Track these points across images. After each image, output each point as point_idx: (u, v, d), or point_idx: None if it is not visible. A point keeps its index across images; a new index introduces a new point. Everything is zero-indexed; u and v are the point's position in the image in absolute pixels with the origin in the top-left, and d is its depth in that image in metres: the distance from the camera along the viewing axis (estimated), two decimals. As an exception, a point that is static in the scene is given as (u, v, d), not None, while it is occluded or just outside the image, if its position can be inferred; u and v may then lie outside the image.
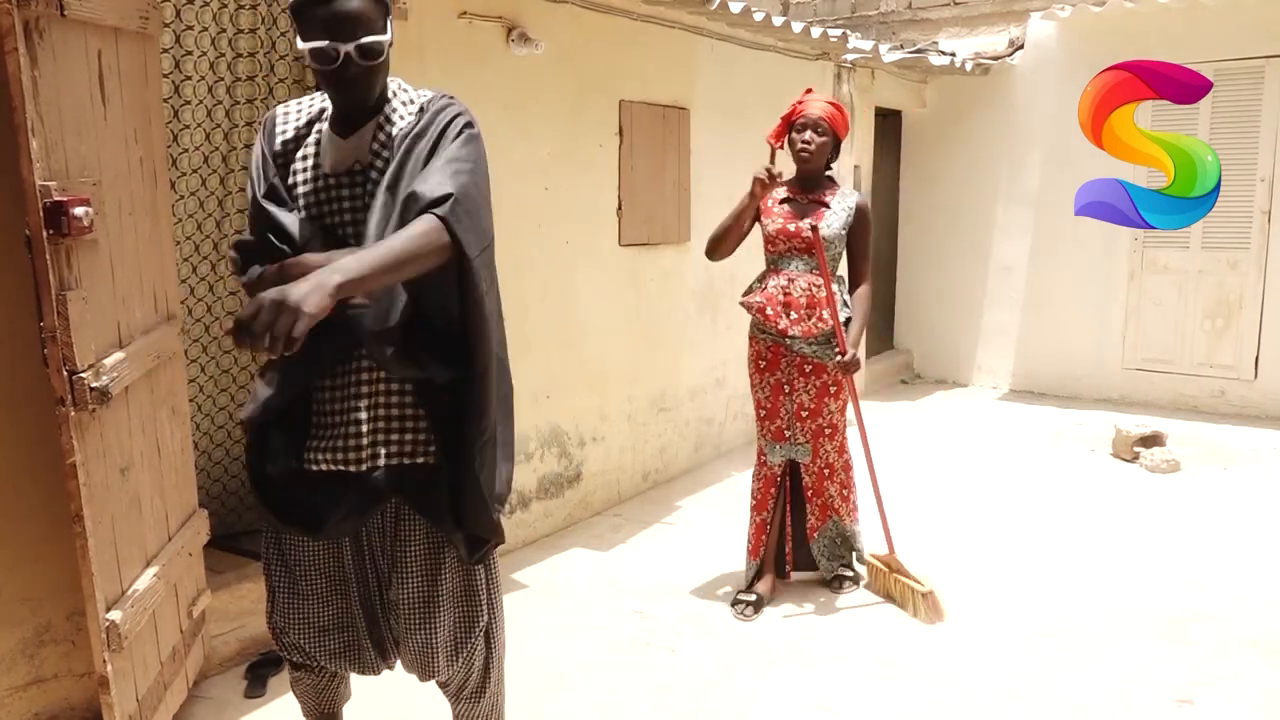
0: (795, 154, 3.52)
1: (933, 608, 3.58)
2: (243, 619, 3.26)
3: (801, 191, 3.58)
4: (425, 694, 2.94)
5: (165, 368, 2.75)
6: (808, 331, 3.46)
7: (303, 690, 2.32)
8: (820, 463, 3.66)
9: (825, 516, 3.75)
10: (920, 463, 5.67)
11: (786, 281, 3.51)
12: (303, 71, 3.73)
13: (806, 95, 3.56)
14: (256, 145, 2.00)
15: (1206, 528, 4.55)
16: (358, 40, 1.84)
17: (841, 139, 3.56)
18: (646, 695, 3.04)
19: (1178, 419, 6.48)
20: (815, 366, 3.54)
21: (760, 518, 3.71)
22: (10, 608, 2.62)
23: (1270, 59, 6.36)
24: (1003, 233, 7.56)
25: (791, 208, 3.56)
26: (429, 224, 1.75)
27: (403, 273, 1.73)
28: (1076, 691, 3.06)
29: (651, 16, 4.85)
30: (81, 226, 2.16)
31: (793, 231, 3.49)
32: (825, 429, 3.61)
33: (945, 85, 7.69)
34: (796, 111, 3.51)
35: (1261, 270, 6.56)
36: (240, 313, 1.56)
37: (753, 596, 3.65)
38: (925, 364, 8.16)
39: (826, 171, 3.62)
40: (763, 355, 3.61)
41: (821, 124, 3.46)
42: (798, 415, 3.58)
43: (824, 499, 3.72)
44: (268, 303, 1.54)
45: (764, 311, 3.49)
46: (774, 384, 3.60)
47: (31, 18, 2.07)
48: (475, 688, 2.21)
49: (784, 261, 3.55)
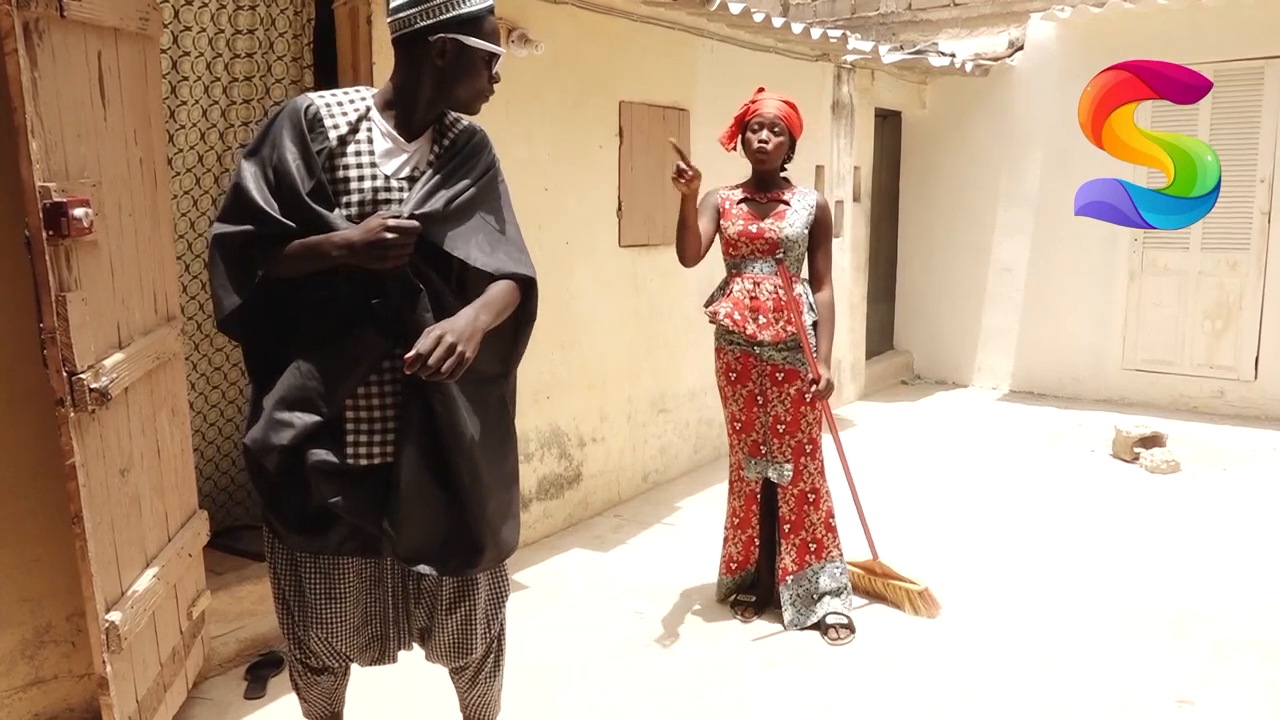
0: (752, 154, 3.40)
1: (930, 602, 3.57)
2: (242, 620, 3.26)
3: (759, 191, 3.46)
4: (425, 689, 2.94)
5: (165, 369, 2.75)
6: (777, 336, 3.33)
7: (320, 693, 2.31)
8: (804, 486, 3.46)
9: (803, 561, 3.49)
10: (920, 463, 5.67)
11: (752, 285, 3.38)
12: (301, 72, 3.74)
13: (759, 95, 3.44)
14: (286, 136, 1.92)
15: (1206, 528, 4.55)
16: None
17: (797, 138, 3.45)
18: (646, 696, 3.04)
19: (1177, 420, 6.48)
20: (787, 374, 3.39)
21: (747, 534, 3.59)
22: (10, 608, 2.62)
23: (1270, 60, 6.36)
24: (1003, 233, 7.57)
25: (750, 208, 3.44)
26: (512, 288, 2.03)
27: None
28: (1076, 692, 3.06)
29: (651, 18, 4.85)
30: (81, 227, 2.16)
31: (754, 233, 3.38)
32: (805, 445, 3.43)
33: (945, 86, 7.69)
34: (750, 111, 3.40)
35: (1261, 271, 6.57)
36: (421, 345, 1.77)
37: (752, 598, 3.64)
38: (925, 364, 8.16)
39: (782, 171, 3.51)
40: (732, 367, 3.47)
41: (778, 123, 3.35)
42: (774, 430, 3.42)
43: (803, 535, 3.48)
44: (445, 344, 1.78)
45: (731, 317, 3.36)
46: (746, 395, 3.46)
47: (31, 19, 2.07)
48: (492, 666, 2.29)
49: (746, 265, 3.42)
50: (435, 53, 1.95)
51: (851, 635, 3.43)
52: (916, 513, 4.74)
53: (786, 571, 3.51)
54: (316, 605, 2.10)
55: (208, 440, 3.90)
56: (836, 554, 3.56)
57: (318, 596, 2.09)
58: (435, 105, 2.01)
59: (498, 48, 2.01)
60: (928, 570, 3.84)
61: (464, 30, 1.95)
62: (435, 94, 1.99)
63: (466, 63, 1.97)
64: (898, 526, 4.44)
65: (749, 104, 3.43)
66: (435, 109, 2.02)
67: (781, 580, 3.52)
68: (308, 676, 2.26)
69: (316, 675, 2.26)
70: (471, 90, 2.01)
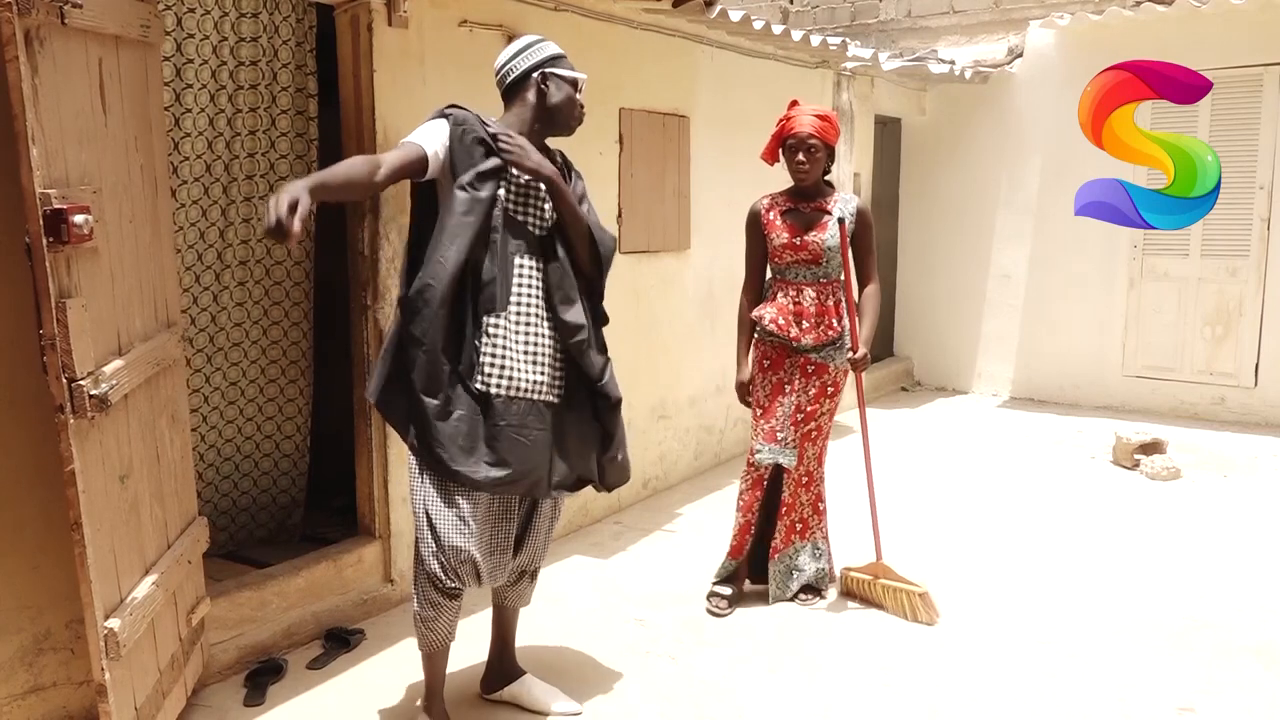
0: (792, 172, 3.56)
1: (929, 606, 3.58)
2: (242, 627, 3.25)
3: (802, 200, 3.62)
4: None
5: (165, 375, 2.75)
6: (819, 339, 3.55)
7: (446, 620, 2.70)
8: (802, 469, 3.66)
9: (789, 539, 3.71)
10: (920, 470, 5.67)
11: (795, 292, 3.58)
12: (305, 79, 3.74)
13: (794, 110, 3.56)
14: (447, 133, 2.54)
15: (1207, 535, 4.54)
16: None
17: (834, 146, 3.58)
18: (647, 703, 3.03)
19: (1178, 426, 6.48)
20: (818, 367, 3.59)
21: (746, 519, 3.72)
22: (9, 615, 2.62)
23: (1269, 67, 6.37)
24: (1002, 240, 7.57)
25: (793, 219, 3.59)
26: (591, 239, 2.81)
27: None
28: (1077, 699, 3.05)
29: (651, 25, 4.86)
30: (81, 234, 2.16)
31: (799, 245, 3.54)
32: (812, 433, 3.63)
33: (945, 93, 7.71)
34: (787, 129, 3.53)
35: (1261, 277, 6.57)
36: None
37: (728, 590, 3.71)
38: (925, 371, 8.16)
39: (826, 177, 3.65)
40: (767, 355, 3.66)
41: (814, 139, 3.48)
42: (793, 419, 3.60)
43: (794, 516, 3.70)
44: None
45: (775, 323, 3.57)
46: (775, 383, 3.63)
47: (32, 26, 2.07)
48: (538, 564, 2.94)
49: (791, 272, 3.61)
50: (538, 86, 2.65)
51: (820, 599, 3.75)
52: (917, 519, 4.74)
53: (776, 550, 3.72)
54: (471, 528, 2.57)
55: (224, 456, 3.82)
56: (820, 535, 3.79)
57: (475, 519, 2.58)
58: (543, 129, 2.70)
59: (581, 74, 2.72)
60: (928, 577, 3.83)
61: (554, 65, 2.67)
62: (542, 119, 2.68)
63: (561, 90, 2.67)
64: (899, 533, 4.43)
65: (784, 120, 3.57)
66: (543, 133, 2.71)
67: (771, 558, 3.73)
68: (440, 604, 2.66)
69: (451, 600, 2.67)
70: (569, 109, 2.69)
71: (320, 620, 3.45)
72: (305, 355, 3.97)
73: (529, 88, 2.66)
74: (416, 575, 2.69)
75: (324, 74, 3.79)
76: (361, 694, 3.08)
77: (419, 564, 2.66)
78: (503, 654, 3.03)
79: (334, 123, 3.70)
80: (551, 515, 2.89)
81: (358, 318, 3.66)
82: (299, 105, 3.75)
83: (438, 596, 2.66)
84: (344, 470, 3.90)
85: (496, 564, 2.72)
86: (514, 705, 2.97)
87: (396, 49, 3.59)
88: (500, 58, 2.71)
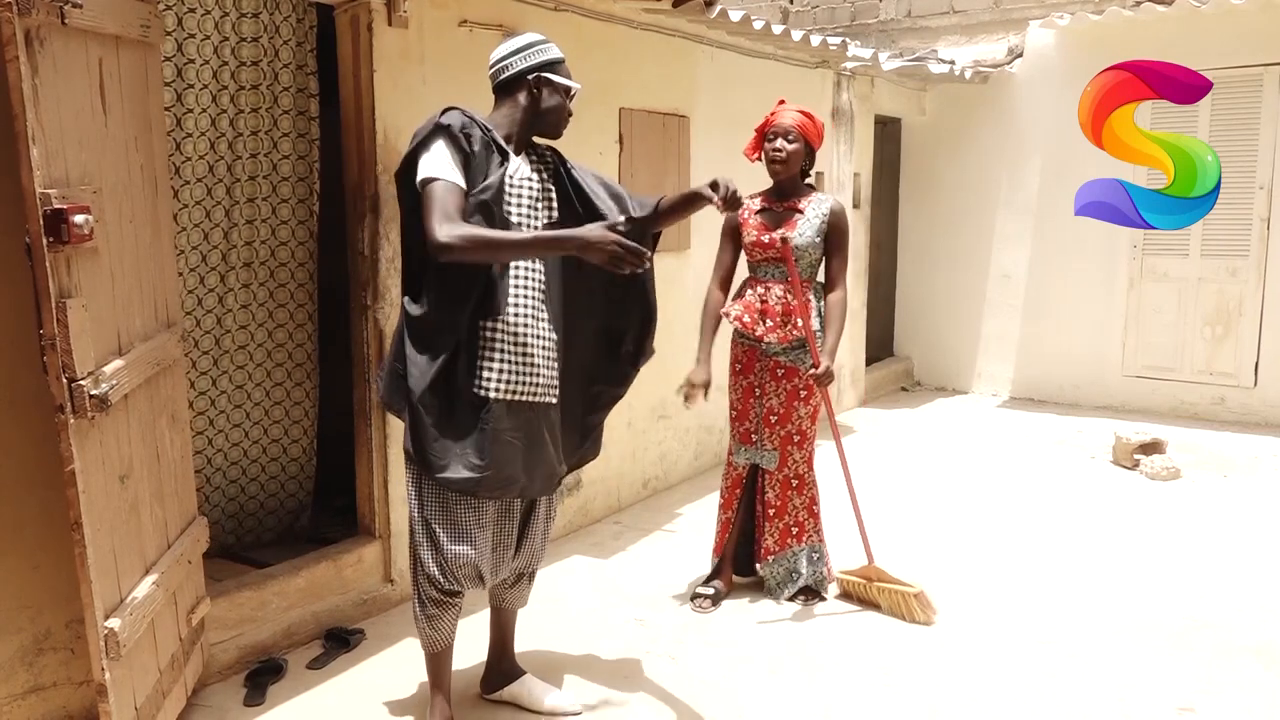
0: (768, 162, 3.59)
1: (925, 606, 3.58)
2: (242, 627, 3.25)
3: (776, 200, 3.64)
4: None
5: (165, 375, 2.75)
6: (783, 338, 3.55)
7: (449, 619, 2.73)
8: (788, 472, 3.66)
9: (785, 543, 3.72)
10: (920, 470, 5.67)
11: (763, 290, 3.60)
12: (306, 79, 3.74)
13: (779, 106, 3.63)
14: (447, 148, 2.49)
15: (1207, 535, 4.54)
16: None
17: (815, 147, 3.62)
18: (647, 704, 3.03)
19: (1178, 426, 6.48)
20: (787, 371, 3.60)
21: (725, 516, 3.77)
22: (9, 615, 2.62)
23: (1269, 67, 6.37)
24: (1002, 240, 7.57)
25: (766, 218, 3.62)
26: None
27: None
28: (1077, 699, 3.05)
29: (651, 25, 4.86)
30: (81, 234, 2.16)
31: (766, 242, 3.56)
32: (794, 435, 3.64)
33: (945, 93, 7.71)
34: (769, 122, 3.59)
35: (1261, 277, 6.57)
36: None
37: (711, 590, 3.74)
38: (925, 371, 8.16)
39: (805, 180, 3.67)
40: (739, 359, 3.71)
41: (792, 132, 3.53)
42: (766, 420, 3.64)
43: (786, 520, 3.70)
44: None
45: (741, 319, 3.61)
46: (745, 387, 3.69)
47: (32, 26, 2.07)
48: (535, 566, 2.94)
49: (761, 270, 3.65)
50: (530, 89, 2.63)
51: (819, 600, 3.76)
52: (917, 519, 4.74)
53: (768, 551, 3.73)
54: (468, 534, 2.60)
55: (230, 460, 3.81)
56: (817, 539, 3.79)
57: (471, 525, 2.61)
58: (529, 130, 2.68)
59: (575, 83, 2.71)
60: (928, 577, 3.84)
61: (550, 71, 2.64)
62: (530, 120, 2.65)
63: (554, 97, 2.66)
64: (898, 533, 4.44)
65: (769, 115, 3.62)
66: (529, 133, 2.69)
67: (763, 559, 3.75)
68: (443, 604, 2.68)
69: (453, 599, 2.69)
70: (558, 116, 2.69)
71: (320, 620, 3.45)
72: (310, 357, 3.97)
73: (522, 89, 2.64)
74: (415, 577, 2.69)
75: (324, 74, 3.79)
76: (361, 694, 3.08)
77: (418, 567, 2.67)
78: (502, 654, 3.03)
79: (335, 123, 3.70)
80: (547, 516, 2.89)
81: (358, 318, 3.66)
82: (300, 105, 3.75)
83: (438, 597, 2.68)
84: (345, 470, 3.90)
85: (498, 560, 2.76)
86: (514, 705, 2.97)
87: (396, 49, 3.59)
88: (498, 51, 2.68)
